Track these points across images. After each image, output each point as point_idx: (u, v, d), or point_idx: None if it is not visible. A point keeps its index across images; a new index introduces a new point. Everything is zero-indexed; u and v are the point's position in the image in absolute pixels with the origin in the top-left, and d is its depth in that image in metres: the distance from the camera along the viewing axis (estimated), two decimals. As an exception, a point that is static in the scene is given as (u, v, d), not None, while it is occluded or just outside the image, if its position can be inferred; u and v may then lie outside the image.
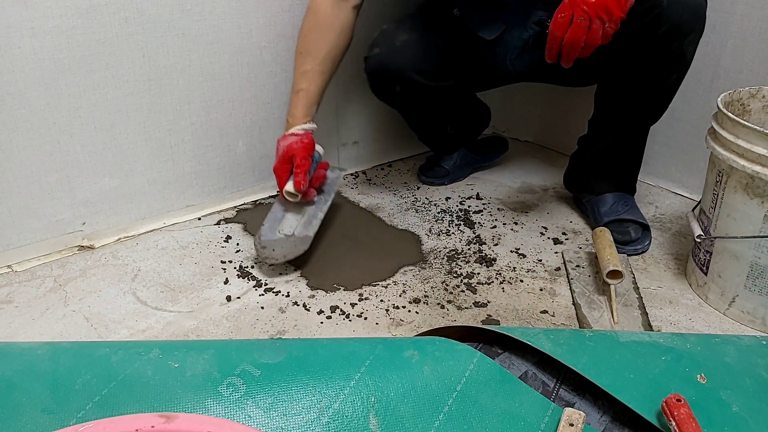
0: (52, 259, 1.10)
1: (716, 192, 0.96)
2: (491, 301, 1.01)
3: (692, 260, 1.06)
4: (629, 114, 1.14)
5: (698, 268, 1.03)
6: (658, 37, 1.01)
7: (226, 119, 1.23)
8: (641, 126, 1.17)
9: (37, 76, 1.00)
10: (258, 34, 1.20)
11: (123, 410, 0.64)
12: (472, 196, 1.36)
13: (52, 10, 0.98)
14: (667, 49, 1.02)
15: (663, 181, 1.40)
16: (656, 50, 1.02)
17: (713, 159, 0.97)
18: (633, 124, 1.16)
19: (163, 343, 0.74)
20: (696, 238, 0.99)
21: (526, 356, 0.78)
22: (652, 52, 1.03)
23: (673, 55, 1.03)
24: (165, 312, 0.97)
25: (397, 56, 1.15)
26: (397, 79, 1.17)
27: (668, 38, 1.01)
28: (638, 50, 1.04)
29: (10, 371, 0.68)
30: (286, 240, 1.07)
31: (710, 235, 0.98)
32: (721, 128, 0.93)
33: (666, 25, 0.99)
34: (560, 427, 0.66)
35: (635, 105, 1.12)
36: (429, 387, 0.69)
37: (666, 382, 0.72)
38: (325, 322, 0.96)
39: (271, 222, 1.10)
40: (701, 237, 0.99)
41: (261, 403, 0.65)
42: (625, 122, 1.15)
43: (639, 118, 1.15)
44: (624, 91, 1.11)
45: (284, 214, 1.12)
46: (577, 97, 1.47)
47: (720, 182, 0.95)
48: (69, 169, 1.08)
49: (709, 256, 0.99)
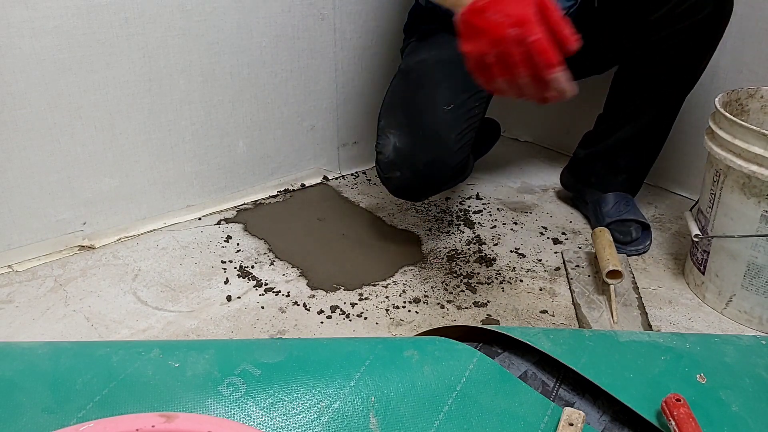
0: (52, 259, 1.10)
1: (713, 191, 0.96)
2: (491, 300, 1.01)
3: (690, 259, 1.06)
4: (660, 94, 1.11)
5: (696, 268, 1.03)
6: (700, 20, 1.00)
7: (226, 119, 1.23)
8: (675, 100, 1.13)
9: (37, 76, 1.00)
10: (258, 34, 1.21)
11: (123, 410, 0.64)
12: (471, 196, 1.36)
13: (52, 10, 0.98)
14: (706, 31, 1.02)
15: (663, 181, 1.40)
16: (696, 32, 1.02)
17: (711, 159, 0.97)
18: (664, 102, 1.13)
19: (163, 343, 0.74)
20: (693, 237, 0.99)
21: (526, 356, 0.78)
22: (692, 34, 1.02)
23: (711, 36, 1.03)
24: (165, 312, 0.97)
25: (425, 180, 1.04)
26: (428, 195, 1.10)
27: (709, 20, 1.00)
28: (677, 33, 1.02)
29: (11, 371, 0.68)
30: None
31: (707, 235, 0.98)
32: (718, 128, 0.93)
33: (708, 8, 0.99)
34: (560, 426, 0.67)
35: (667, 85, 1.10)
36: (429, 387, 0.69)
37: (665, 381, 0.72)
38: (325, 322, 0.96)
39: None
40: (698, 236, 0.99)
41: (261, 403, 0.65)
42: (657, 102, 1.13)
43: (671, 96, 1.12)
44: (656, 73, 1.09)
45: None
46: (577, 97, 1.47)
47: (717, 182, 0.95)
48: (69, 169, 1.08)
49: (707, 256, 0.99)
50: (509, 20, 0.67)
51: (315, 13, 1.25)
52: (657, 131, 1.17)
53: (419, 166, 1.02)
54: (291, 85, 1.29)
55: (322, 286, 1.04)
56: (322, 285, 1.04)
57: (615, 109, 1.18)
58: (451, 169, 1.04)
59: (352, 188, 1.39)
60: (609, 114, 1.20)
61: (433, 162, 1.02)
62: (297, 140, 1.35)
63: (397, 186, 1.07)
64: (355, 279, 1.06)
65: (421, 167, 1.02)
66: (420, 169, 1.02)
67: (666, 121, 1.16)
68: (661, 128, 1.17)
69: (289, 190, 1.37)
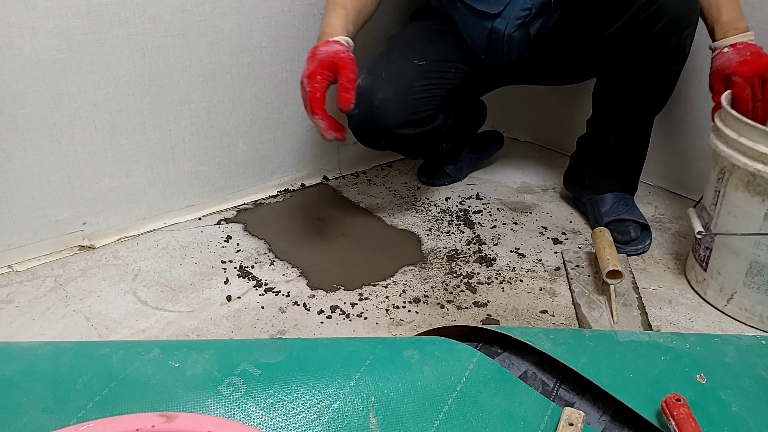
0: (52, 259, 1.10)
1: (718, 189, 0.96)
2: (491, 300, 1.01)
3: (692, 256, 1.06)
4: (630, 110, 1.14)
5: (698, 264, 1.03)
6: (656, 33, 1.01)
7: (226, 119, 1.23)
8: (644, 119, 1.16)
9: (37, 76, 1.00)
10: (258, 34, 1.21)
11: (123, 410, 0.64)
12: (471, 196, 1.36)
13: (52, 10, 0.98)
14: (666, 44, 1.02)
15: (663, 181, 1.40)
16: (655, 46, 1.02)
17: (716, 156, 0.97)
18: (635, 119, 1.15)
19: (163, 343, 0.74)
20: (696, 234, 1.00)
21: (526, 356, 0.78)
22: (651, 48, 1.03)
23: (672, 49, 1.03)
24: (165, 312, 0.97)
25: (376, 116, 1.08)
26: (381, 136, 1.12)
27: (666, 33, 1.01)
28: (636, 47, 1.04)
29: (11, 371, 0.68)
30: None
31: (711, 232, 0.98)
32: (724, 125, 0.94)
33: (663, 20, 0.99)
34: (560, 426, 0.67)
35: (636, 101, 1.12)
36: (429, 387, 0.69)
37: (665, 381, 0.72)
38: (325, 322, 0.96)
39: None
40: (702, 233, 0.99)
41: (261, 403, 0.65)
42: (626, 118, 1.15)
43: (640, 113, 1.14)
44: (623, 88, 1.11)
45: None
46: (577, 97, 1.48)
47: (722, 179, 0.95)
48: (69, 169, 1.08)
49: (709, 253, 0.99)
50: (306, 70, 0.97)
51: (315, 13, 1.25)
52: (638, 138, 1.19)
53: (374, 101, 1.07)
54: (291, 85, 1.29)
55: (322, 286, 1.04)
56: (322, 285, 1.04)
57: (598, 116, 1.21)
58: (409, 112, 1.09)
59: (352, 188, 1.39)
60: (595, 119, 1.22)
61: (390, 99, 1.07)
62: (297, 140, 1.35)
63: (356, 123, 1.11)
64: (355, 279, 1.06)
65: (376, 102, 1.07)
66: (374, 105, 1.07)
67: (644, 129, 1.18)
68: (641, 135, 1.19)
69: (289, 190, 1.37)
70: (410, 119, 1.10)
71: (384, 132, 1.10)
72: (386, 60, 1.14)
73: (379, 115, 1.08)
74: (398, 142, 1.14)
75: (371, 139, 1.14)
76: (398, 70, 1.11)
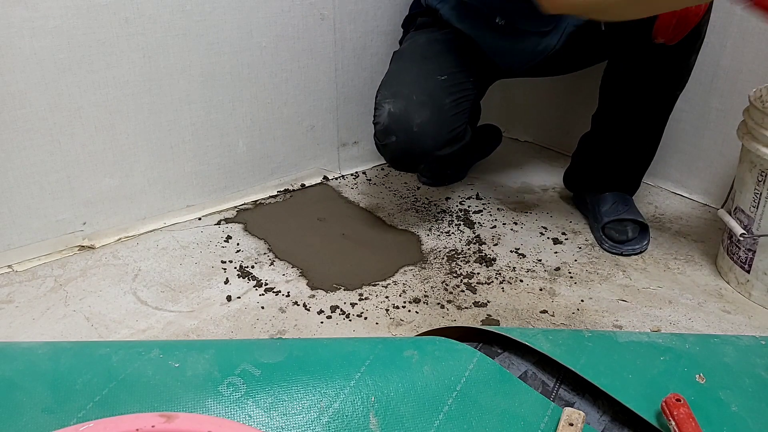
0: (52, 259, 1.10)
1: (758, 191, 0.98)
2: (491, 300, 1.01)
3: (728, 258, 1.06)
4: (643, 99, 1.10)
5: (738, 266, 1.04)
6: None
7: (226, 119, 1.23)
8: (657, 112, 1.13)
9: (37, 76, 1.00)
10: (258, 34, 1.21)
11: (123, 410, 0.64)
12: (471, 196, 1.36)
13: (52, 10, 0.98)
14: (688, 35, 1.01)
15: (662, 181, 1.40)
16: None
17: (752, 158, 0.98)
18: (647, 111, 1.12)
19: (163, 343, 0.74)
20: (739, 236, 1.00)
21: (526, 356, 0.78)
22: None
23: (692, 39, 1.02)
24: (165, 312, 0.97)
25: (416, 142, 1.04)
26: (421, 160, 1.09)
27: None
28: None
29: (11, 371, 0.68)
30: None
31: (754, 234, 0.99)
32: (761, 128, 0.94)
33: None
34: (560, 426, 0.67)
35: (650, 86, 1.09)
36: (429, 387, 0.69)
37: (665, 382, 0.72)
38: (325, 322, 0.96)
39: None
40: (745, 236, 1.00)
41: (261, 403, 0.65)
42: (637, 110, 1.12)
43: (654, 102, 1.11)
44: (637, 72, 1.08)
45: None
46: (577, 97, 1.48)
47: (763, 182, 0.96)
48: (69, 169, 1.08)
49: (752, 254, 1.01)
50: None
51: (315, 13, 1.25)
52: (651, 131, 1.17)
53: (413, 128, 1.03)
54: (291, 85, 1.29)
55: (322, 286, 1.04)
56: (322, 285, 1.04)
57: (606, 109, 1.18)
58: (446, 132, 1.06)
59: (352, 188, 1.39)
60: (602, 113, 1.19)
61: (428, 123, 1.03)
62: (297, 140, 1.35)
63: (394, 152, 1.07)
64: (355, 279, 1.06)
65: (415, 128, 1.03)
66: (414, 131, 1.03)
67: (659, 120, 1.15)
68: (654, 128, 1.16)
69: (289, 190, 1.37)
70: (447, 138, 1.07)
71: (424, 156, 1.07)
72: (409, 78, 1.09)
73: (418, 141, 1.04)
74: (437, 163, 1.11)
75: (410, 165, 1.11)
76: (426, 90, 1.06)
